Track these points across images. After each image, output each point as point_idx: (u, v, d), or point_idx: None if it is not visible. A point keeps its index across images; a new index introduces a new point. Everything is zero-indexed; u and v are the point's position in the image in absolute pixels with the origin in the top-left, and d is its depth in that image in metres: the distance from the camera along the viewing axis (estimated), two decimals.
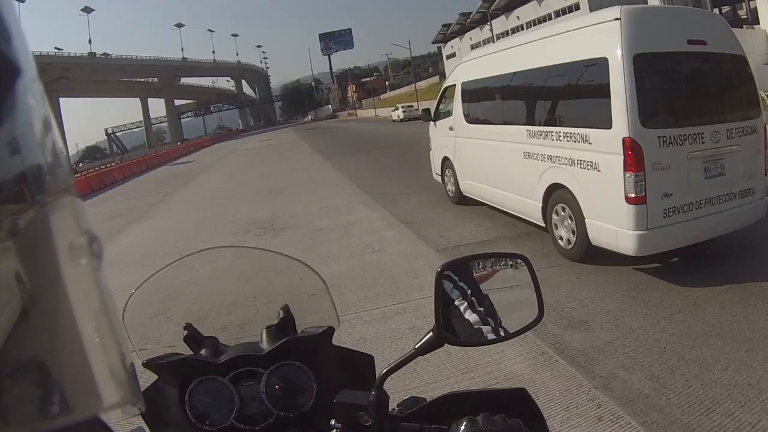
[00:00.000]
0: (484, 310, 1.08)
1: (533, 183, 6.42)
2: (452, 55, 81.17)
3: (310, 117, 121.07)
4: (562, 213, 5.97)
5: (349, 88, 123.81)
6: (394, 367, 1.06)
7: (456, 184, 9.30)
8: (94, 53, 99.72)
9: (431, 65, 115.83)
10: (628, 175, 4.96)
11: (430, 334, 1.06)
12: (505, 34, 53.47)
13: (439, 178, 10.29)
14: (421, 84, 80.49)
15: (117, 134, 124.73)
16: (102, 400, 0.44)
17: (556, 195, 6.10)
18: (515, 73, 6.86)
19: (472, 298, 1.08)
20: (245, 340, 1.29)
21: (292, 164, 21.76)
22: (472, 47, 64.10)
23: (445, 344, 1.07)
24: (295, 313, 1.30)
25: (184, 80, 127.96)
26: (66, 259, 0.45)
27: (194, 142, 69.47)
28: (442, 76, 79.20)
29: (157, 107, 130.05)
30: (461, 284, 1.09)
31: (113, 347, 0.47)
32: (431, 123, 10.24)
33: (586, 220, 5.57)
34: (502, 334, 1.08)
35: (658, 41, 5.14)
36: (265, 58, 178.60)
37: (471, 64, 8.71)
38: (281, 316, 1.29)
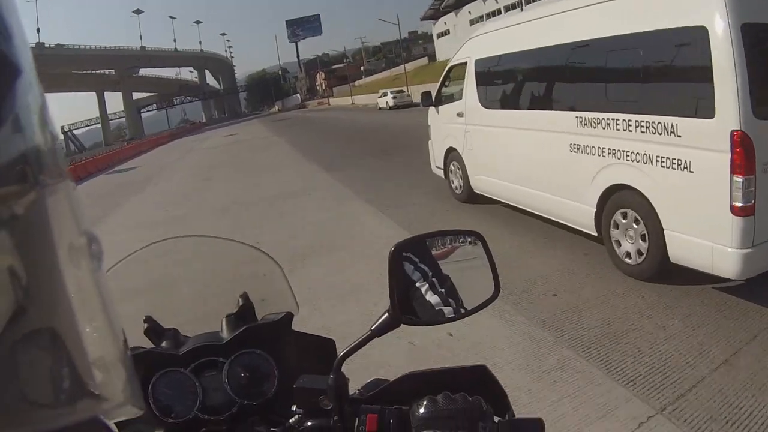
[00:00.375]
0: (446, 291, 1.06)
1: (584, 182, 5.29)
2: (445, 33, 72.28)
3: (276, 107, 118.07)
4: (627, 222, 4.89)
5: (317, 75, 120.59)
6: (351, 350, 1.03)
7: (465, 179, 8.08)
8: (43, 43, 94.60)
9: (405, 50, 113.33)
10: (736, 179, 3.86)
11: (386, 315, 1.03)
12: (514, 6, 48.05)
13: (440, 172, 9.05)
14: (405, 68, 77.19)
15: (74, 132, 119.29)
16: (102, 400, 0.45)
17: (618, 198, 4.99)
18: (559, 46, 5.60)
19: (433, 279, 1.06)
20: (206, 330, 1.23)
21: (271, 178, 14.20)
22: (472, 22, 58.06)
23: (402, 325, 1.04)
24: (254, 301, 1.27)
25: (144, 71, 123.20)
26: (65, 260, 0.45)
27: (150, 139, 60.93)
28: (432, 58, 73.20)
29: (117, 101, 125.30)
30: (422, 266, 1.07)
31: (113, 348, 0.48)
32: (431, 109, 8.93)
33: (665, 232, 4.48)
34: (462, 311, 1.07)
35: (764, 10, 4.07)
36: (229, 46, 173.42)
37: (489, 37, 7.33)
38: (240, 304, 1.26)
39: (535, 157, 6.12)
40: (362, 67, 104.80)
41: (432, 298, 1.05)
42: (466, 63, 7.69)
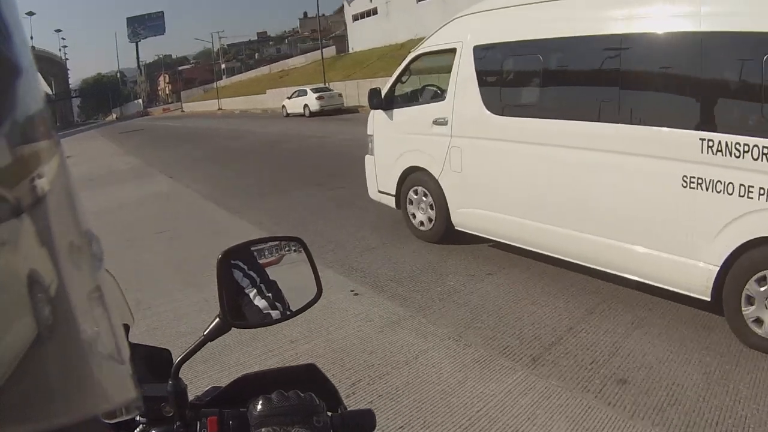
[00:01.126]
0: (273, 295, 1.12)
1: (703, 231, 3.70)
2: (368, 14, 51.89)
3: (114, 115, 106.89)
4: None
5: (160, 79, 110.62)
6: (186, 356, 1.05)
7: (442, 212, 6.01)
8: None
9: (256, 51, 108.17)
10: None
11: (217, 320, 1.07)
12: None
13: (387, 200, 6.86)
14: (297, 61, 62.69)
15: None
16: (102, 399, 0.45)
17: (763, 257, 3.50)
18: (673, 35, 3.75)
19: (261, 285, 1.12)
20: None
21: None
22: None
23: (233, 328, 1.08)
24: None
25: None
26: (65, 260, 0.44)
27: None
28: (342, 49, 57.01)
29: None
30: (250, 272, 1.13)
31: (113, 347, 0.47)
32: (375, 114, 6.74)
33: None
34: (288, 313, 1.14)
35: None
36: (64, 46, 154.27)
37: (503, 15, 5.18)
38: None
39: (603, 190, 4.32)
40: (223, 66, 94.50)
41: (260, 302, 1.11)
42: (454, 50, 5.66)
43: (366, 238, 6.91)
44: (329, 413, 0.99)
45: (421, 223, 6.43)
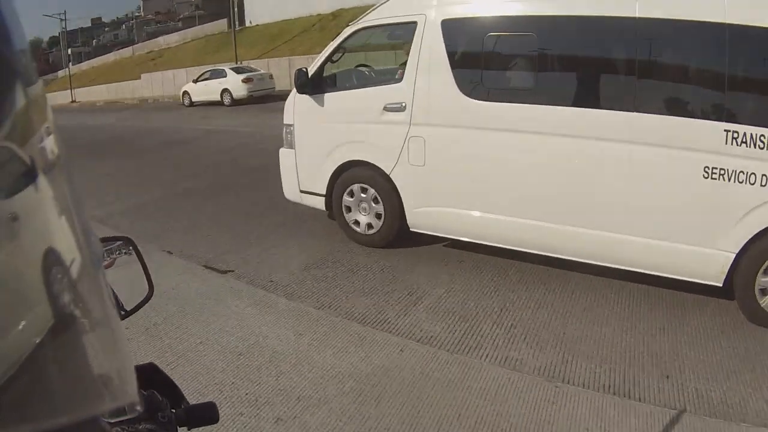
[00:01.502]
0: None
1: (723, 220, 3.68)
2: None
3: None
4: None
5: None
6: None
7: (393, 212, 5.21)
8: None
9: (93, 38, 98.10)
10: None
11: None
12: None
13: (313, 200, 5.78)
14: (171, 39, 51.14)
15: None
16: (102, 400, 0.45)
17: None
18: (708, 25, 3.53)
19: None
20: None
21: None
22: None
23: None
24: None
25: None
26: (66, 260, 0.44)
27: None
28: (238, 22, 42.04)
29: None
30: None
31: (113, 347, 0.47)
32: (297, 98, 5.62)
33: None
34: (122, 314, 1.13)
35: None
36: None
37: None
38: None
39: (613, 183, 4.05)
40: (69, 51, 78.26)
41: None
42: (413, 24, 4.83)
43: None
44: (173, 409, 1.00)
45: (356, 223, 5.55)
